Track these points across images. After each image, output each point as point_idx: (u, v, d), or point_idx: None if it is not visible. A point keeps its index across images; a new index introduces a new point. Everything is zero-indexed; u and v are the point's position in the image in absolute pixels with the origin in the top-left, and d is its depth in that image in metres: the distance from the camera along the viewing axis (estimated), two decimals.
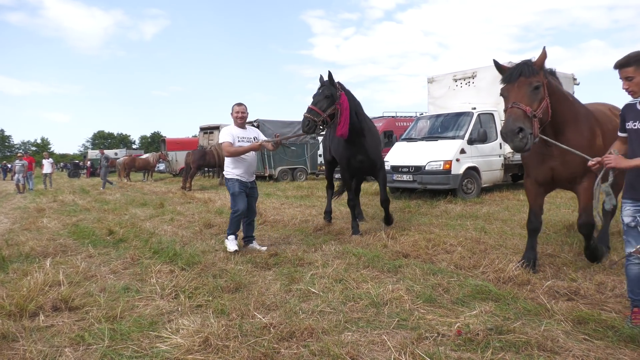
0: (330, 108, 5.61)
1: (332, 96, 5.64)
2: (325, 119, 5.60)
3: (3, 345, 3.01)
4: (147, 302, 3.83)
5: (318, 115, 5.52)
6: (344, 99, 5.75)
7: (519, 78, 3.72)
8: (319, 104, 5.59)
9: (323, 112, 5.55)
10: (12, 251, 5.95)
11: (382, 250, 5.38)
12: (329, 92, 5.65)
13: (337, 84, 5.79)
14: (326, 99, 5.62)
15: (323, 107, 5.58)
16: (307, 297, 3.86)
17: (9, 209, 11.99)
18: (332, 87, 5.71)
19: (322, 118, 5.54)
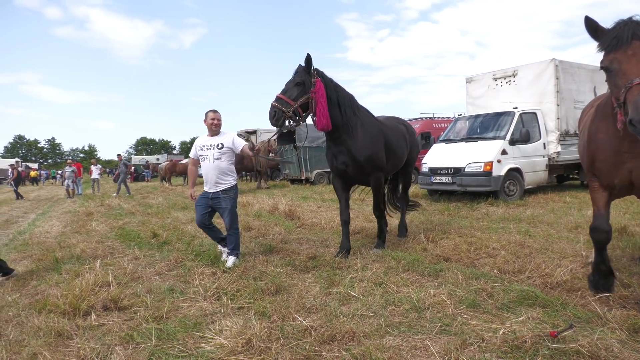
0: (302, 97, 4.88)
1: (303, 83, 4.90)
2: (296, 110, 4.87)
3: (59, 342, 3.17)
4: (191, 303, 3.93)
5: (288, 105, 4.79)
6: (320, 87, 4.96)
7: (632, 42, 2.74)
8: (289, 92, 4.87)
9: (293, 102, 4.83)
10: (65, 253, 6.26)
11: (421, 254, 5.30)
12: (301, 79, 4.91)
13: (314, 70, 5.03)
14: (297, 86, 4.90)
15: (293, 96, 4.85)
16: (347, 300, 3.85)
17: (60, 213, 12.62)
18: (305, 73, 4.95)
19: (293, 108, 4.82)
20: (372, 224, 7.71)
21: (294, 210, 9.53)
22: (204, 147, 5.40)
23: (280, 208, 10.12)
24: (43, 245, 7.08)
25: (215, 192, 5.32)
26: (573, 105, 11.13)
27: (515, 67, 11.65)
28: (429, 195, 11.91)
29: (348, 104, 5.20)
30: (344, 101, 5.18)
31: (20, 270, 5.41)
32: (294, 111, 4.85)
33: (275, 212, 9.88)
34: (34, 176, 41.69)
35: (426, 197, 12.00)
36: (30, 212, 13.85)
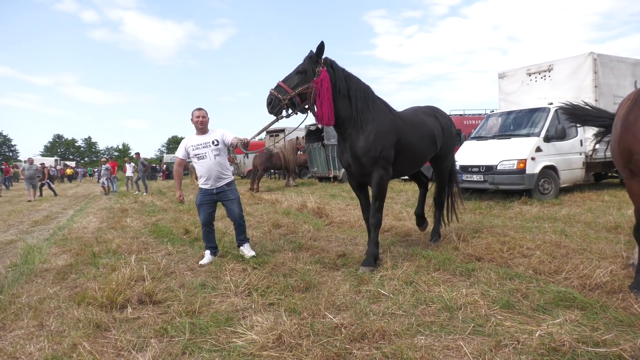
0: (302, 86, 4.54)
1: (305, 72, 4.58)
2: (294, 99, 4.56)
3: (97, 334, 3.28)
4: (223, 299, 3.99)
5: (285, 93, 4.51)
6: (324, 77, 4.56)
7: None
8: (289, 80, 4.60)
9: (292, 90, 4.52)
10: (102, 248, 6.47)
11: (453, 253, 5.21)
12: (304, 67, 4.59)
13: (324, 59, 4.66)
14: (298, 74, 4.60)
15: (293, 84, 4.55)
16: (377, 298, 3.83)
17: (96, 209, 13.06)
18: (310, 62, 4.59)
19: (290, 96, 4.51)
20: (401, 222, 7.65)
21: (323, 208, 9.54)
22: (199, 146, 5.40)
23: (308, 206, 10.15)
24: (81, 240, 7.34)
25: (220, 187, 5.47)
26: (612, 100, 10.70)
27: (551, 61, 11.29)
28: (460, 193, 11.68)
29: (361, 96, 4.78)
30: (356, 93, 4.75)
31: (60, 263, 5.63)
32: (292, 99, 4.57)
33: (303, 210, 9.92)
34: (70, 174, 43.27)
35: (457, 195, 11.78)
36: (69, 208, 14.39)
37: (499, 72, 12.70)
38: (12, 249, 7.12)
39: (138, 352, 2.95)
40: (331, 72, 4.68)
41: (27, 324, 3.56)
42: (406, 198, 12.08)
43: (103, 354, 2.91)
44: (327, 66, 4.67)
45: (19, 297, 4.28)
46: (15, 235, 8.56)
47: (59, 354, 2.95)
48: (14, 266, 5.69)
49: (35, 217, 11.66)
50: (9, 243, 7.73)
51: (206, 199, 5.49)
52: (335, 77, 4.68)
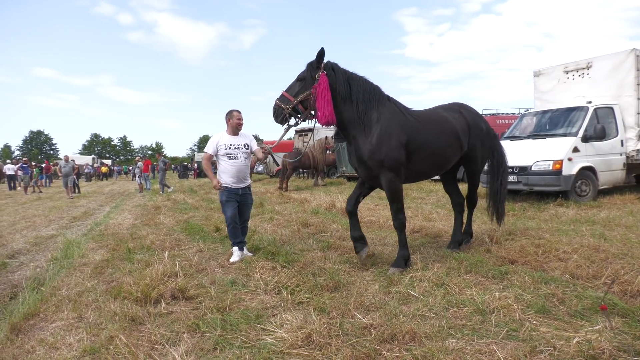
0: (302, 93, 4.66)
1: (304, 79, 4.70)
2: (297, 106, 4.70)
3: (132, 327, 3.38)
4: (253, 296, 4.04)
5: (288, 102, 4.66)
6: (322, 81, 4.59)
7: None
8: (291, 88, 4.74)
9: (294, 98, 4.66)
10: (136, 244, 6.66)
11: (485, 255, 5.10)
12: (303, 75, 4.72)
13: (325, 64, 4.70)
14: (299, 82, 4.73)
15: (294, 92, 4.69)
16: (407, 300, 3.79)
17: (131, 206, 13.45)
18: (309, 69, 4.70)
19: (292, 104, 4.65)
20: (431, 223, 7.54)
21: None
22: (232, 147, 5.55)
23: (337, 205, 10.15)
24: (117, 236, 7.58)
25: (244, 189, 5.69)
26: None
27: (590, 58, 10.87)
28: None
29: (364, 98, 4.70)
30: (359, 95, 4.70)
31: (97, 258, 5.83)
32: (294, 107, 4.69)
33: (332, 210, 9.92)
34: (105, 172, 44.68)
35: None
36: (105, 205, 14.88)
37: (534, 70, 12.32)
38: (53, 243, 7.42)
39: (171, 347, 3.03)
40: (332, 75, 4.69)
41: (67, 315, 3.70)
42: (436, 198, 11.90)
43: (138, 347, 2.99)
44: (328, 70, 4.69)
45: (60, 289, 4.45)
46: (56, 230, 8.92)
47: (96, 345, 3.06)
48: (54, 260, 5.93)
49: (74, 213, 12.12)
50: (50, 237, 8.06)
51: (232, 196, 5.61)
52: (336, 80, 4.68)
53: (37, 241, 7.67)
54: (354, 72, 4.86)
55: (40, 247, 7.25)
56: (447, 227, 7.03)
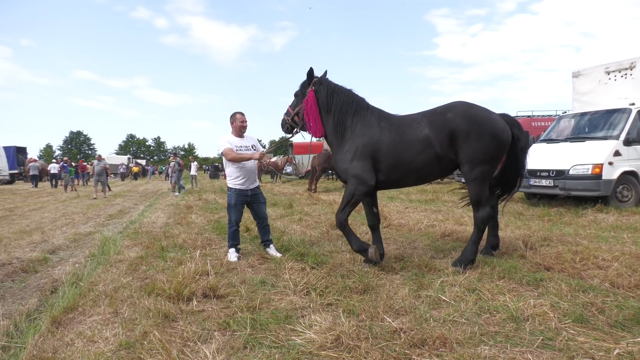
0: (297, 107, 5.36)
1: (297, 95, 5.43)
2: (295, 118, 5.41)
3: (166, 324, 3.46)
4: (282, 297, 4.07)
5: (289, 114, 5.45)
6: (310, 97, 5.12)
7: None
8: (293, 103, 5.50)
9: (293, 111, 5.42)
10: (169, 242, 6.83)
11: (519, 261, 4.96)
12: (297, 92, 5.43)
13: (315, 80, 5.21)
14: (296, 97, 5.45)
15: (293, 106, 5.45)
16: (438, 304, 3.73)
17: (164, 205, 13.80)
18: (301, 86, 5.39)
19: (291, 116, 5.41)
20: (462, 227, 7.40)
21: (381, 210, 9.40)
22: (241, 148, 5.78)
23: None
24: (150, 235, 7.79)
25: (253, 189, 5.92)
26: None
27: (633, 58, 10.44)
28: (526, 199, 11.13)
29: (341, 109, 5.04)
30: (337, 107, 5.06)
31: (132, 255, 6.01)
32: (293, 119, 5.40)
33: (361, 211, 9.87)
34: (136, 171, 45.88)
35: (523, 200, 11.24)
36: (139, 204, 15.33)
37: (573, 71, 11.93)
38: (91, 240, 7.70)
39: (203, 344, 3.09)
40: (320, 90, 5.17)
41: (104, 310, 3.83)
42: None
43: (171, 343, 3.06)
44: (317, 85, 5.18)
45: (97, 285, 4.61)
46: (93, 228, 9.25)
47: (131, 340, 3.15)
48: (92, 256, 6.16)
49: (111, 211, 12.53)
50: (88, 234, 8.37)
51: (240, 199, 5.81)
52: (322, 94, 5.15)
53: (76, 238, 7.98)
54: (340, 85, 5.23)
55: (79, 243, 7.54)
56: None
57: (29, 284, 5.03)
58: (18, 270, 5.54)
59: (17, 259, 6.08)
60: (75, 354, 2.98)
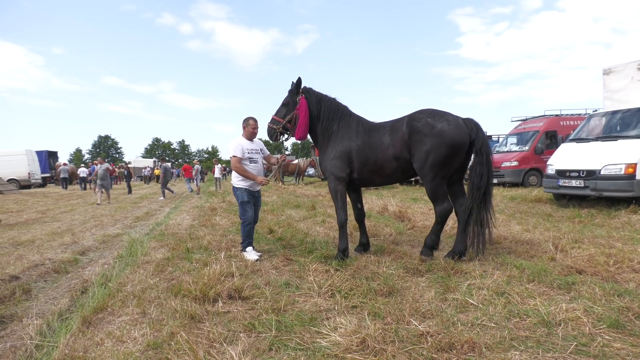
0: (289, 115, 5.75)
1: (288, 104, 5.78)
2: (286, 125, 5.76)
3: (192, 325, 3.50)
4: (306, 299, 4.06)
5: (277, 123, 5.76)
6: (302, 104, 5.69)
7: None
8: (279, 112, 5.83)
9: (282, 119, 5.76)
10: (194, 244, 6.91)
11: (549, 264, 4.83)
12: (287, 100, 5.80)
13: (303, 89, 5.79)
14: (284, 106, 5.81)
15: (281, 115, 5.79)
16: (465, 308, 3.66)
17: (189, 208, 14.00)
18: (290, 95, 5.78)
19: (282, 124, 5.75)
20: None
21: (404, 212, 9.36)
22: (252, 151, 6.10)
23: (389, 209, 10.03)
24: (176, 236, 7.91)
25: (258, 191, 6.20)
26: None
27: None
28: (555, 200, 10.84)
29: (328, 116, 5.71)
30: (325, 114, 5.72)
31: (158, 257, 6.11)
32: (284, 127, 5.78)
33: (384, 213, 9.81)
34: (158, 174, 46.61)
35: (552, 202, 10.95)
36: (165, 206, 15.59)
37: (603, 68, 11.57)
38: (119, 242, 7.87)
39: (229, 345, 3.10)
40: (309, 97, 5.74)
41: (132, 310, 3.90)
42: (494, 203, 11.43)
43: (198, 344, 3.09)
44: (306, 93, 5.76)
45: (125, 285, 4.70)
46: (121, 229, 9.46)
47: (159, 340, 3.20)
48: (120, 257, 6.29)
49: (137, 214, 12.79)
50: (116, 236, 8.56)
51: (251, 198, 6.06)
52: (310, 101, 5.73)
53: (105, 239, 8.17)
54: (325, 94, 5.86)
55: (108, 244, 7.72)
56: (505, 233, 6.76)
57: (61, 284, 5.17)
58: (50, 271, 5.71)
59: (50, 260, 6.26)
60: (105, 354, 3.04)
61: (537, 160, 16.54)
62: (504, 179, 16.81)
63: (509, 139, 18.78)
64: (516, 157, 16.84)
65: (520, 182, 16.50)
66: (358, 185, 5.91)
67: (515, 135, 18.52)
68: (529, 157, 16.65)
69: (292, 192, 19.36)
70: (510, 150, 17.89)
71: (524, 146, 17.20)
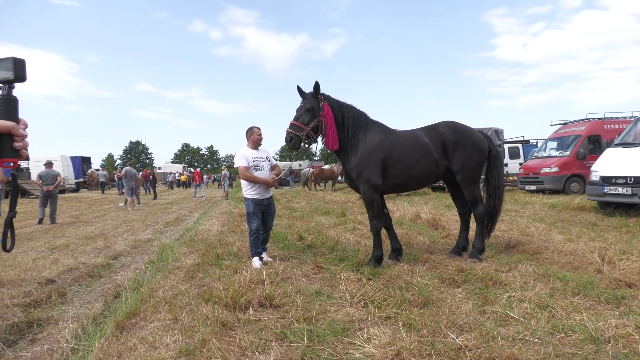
0: (313, 121, 5.52)
1: (312, 109, 5.53)
2: (309, 133, 5.54)
3: (223, 332, 3.53)
4: (338, 308, 4.04)
5: (301, 130, 5.47)
6: (328, 110, 5.55)
7: None
8: (301, 118, 5.54)
9: (306, 126, 5.49)
10: (224, 250, 7.01)
11: (595, 276, 4.64)
12: (310, 105, 5.55)
13: (321, 95, 5.63)
14: (307, 112, 5.54)
15: (305, 121, 5.52)
16: (505, 321, 3.55)
17: (218, 213, 14.22)
18: (313, 100, 5.57)
19: (305, 132, 5.49)
20: (528, 237, 7.06)
21: (438, 220, 9.22)
22: (259, 159, 6.22)
23: (422, 216, 9.89)
24: (206, 242, 8.04)
25: (268, 198, 6.27)
26: None
27: None
28: (600, 208, 10.44)
29: (354, 123, 5.66)
30: (349, 121, 5.65)
31: (189, 262, 6.22)
32: (307, 134, 5.52)
33: (417, 221, 9.69)
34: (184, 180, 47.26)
35: (596, 210, 10.55)
36: (195, 211, 15.89)
37: None
38: (150, 247, 8.07)
39: (260, 354, 3.11)
40: (330, 104, 5.63)
41: (164, 316, 3.98)
42: (533, 211, 11.13)
43: (229, 352, 3.12)
44: (327, 100, 5.64)
45: (157, 291, 4.80)
46: (152, 235, 9.69)
47: (191, 347, 3.24)
48: (151, 263, 6.43)
49: (167, 219, 13.09)
50: (147, 241, 8.77)
51: (259, 207, 6.13)
52: (333, 109, 5.61)
53: (136, 244, 8.39)
54: (343, 101, 5.82)
55: (139, 250, 7.92)
56: (546, 243, 6.54)
57: (95, 289, 5.33)
58: (84, 275, 5.89)
59: (83, 264, 6.48)
60: (138, 359, 3.11)
61: (579, 166, 16.00)
62: (544, 186, 16.33)
63: (549, 144, 18.25)
64: (556, 162, 16.34)
65: (561, 189, 15.98)
66: (389, 192, 6.01)
67: (555, 139, 17.99)
68: (571, 163, 16.12)
69: (321, 199, 19.39)
70: (549, 155, 17.37)
71: (565, 151, 16.67)
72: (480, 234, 5.90)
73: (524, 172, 17.85)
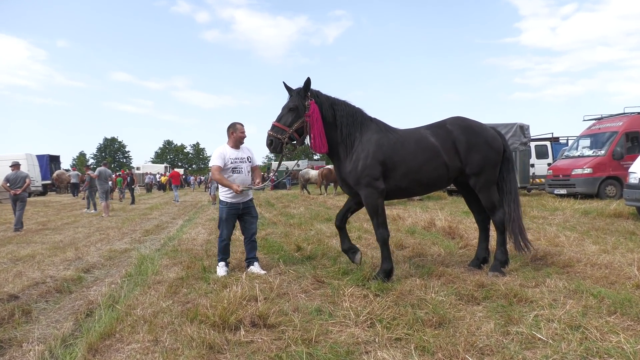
0: (297, 122, 5.56)
1: (297, 108, 5.58)
2: (292, 135, 5.58)
3: (210, 355, 3.54)
4: (341, 328, 4.05)
5: (282, 132, 5.53)
6: (314, 109, 5.55)
7: None
8: (283, 118, 5.61)
9: (288, 128, 5.54)
10: (211, 262, 7.02)
11: (634, 292, 4.66)
12: (294, 104, 5.59)
13: (311, 92, 5.66)
14: (290, 112, 5.60)
15: (288, 122, 5.58)
16: (532, 344, 3.56)
17: (204, 220, 14.26)
18: (298, 98, 5.61)
19: (288, 134, 5.53)
20: (558, 248, 7.07)
21: (455, 228, 9.22)
22: (237, 160, 6.43)
23: (437, 224, 9.91)
24: (191, 253, 8.07)
25: (246, 202, 6.49)
26: None
27: None
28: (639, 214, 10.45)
29: (347, 122, 5.68)
30: (342, 119, 5.68)
31: (171, 276, 6.23)
32: (290, 136, 5.58)
33: (431, 229, 9.70)
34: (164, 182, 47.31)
35: (635, 217, 10.56)
36: (178, 218, 15.93)
37: None
38: (127, 258, 8.09)
39: None
40: (318, 102, 5.65)
41: (143, 337, 3.98)
42: (563, 218, 11.15)
43: None
44: (314, 97, 5.65)
45: (135, 308, 4.81)
46: (129, 244, 9.72)
47: None
48: (129, 276, 6.45)
49: (147, 226, 13.12)
50: (124, 252, 8.79)
51: (232, 212, 6.42)
52: (322, 106, 5.65)
53: (111, 255, 8.41)
54: (336, 97, 5.85)
55: (114, 261, 7.94)
56: (579, 255, 6.54)
57: (64, 306, 5.34)
58: (52, 290, 5.90)
59: (51, 278, 6.49)
60: None
61: (615, 167, 16.03)
62: (575, 189, 16.37)
63: (581, 142, 18.31)
64: (590, 163, 16.38)
65: (595, 193, 16.01)
66: (393, 197, 6.12)
67: (588, 137, 18.04)
68: (606, 163, 16.16)
69: (321, 204, 19.43)
70: (582, 155, 17.42)
71: (600, 150, 16.72)
72: (502, 243, 5.92)
73: (552, 173, 17.89)
